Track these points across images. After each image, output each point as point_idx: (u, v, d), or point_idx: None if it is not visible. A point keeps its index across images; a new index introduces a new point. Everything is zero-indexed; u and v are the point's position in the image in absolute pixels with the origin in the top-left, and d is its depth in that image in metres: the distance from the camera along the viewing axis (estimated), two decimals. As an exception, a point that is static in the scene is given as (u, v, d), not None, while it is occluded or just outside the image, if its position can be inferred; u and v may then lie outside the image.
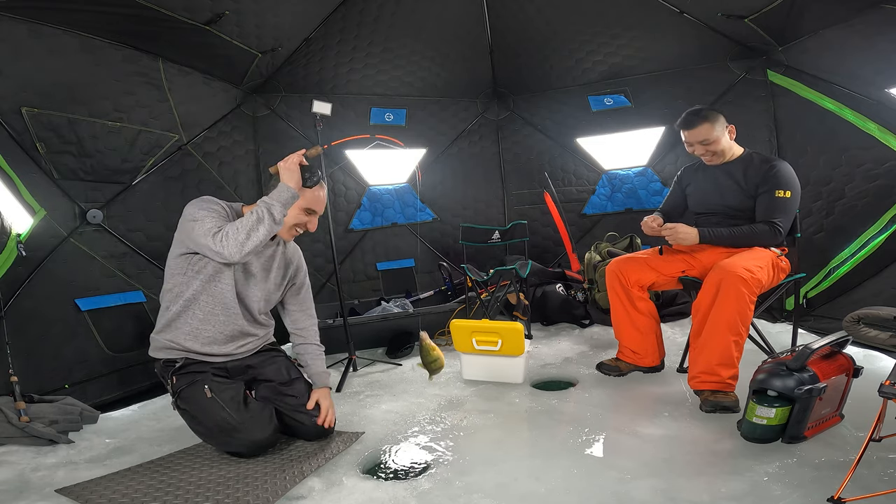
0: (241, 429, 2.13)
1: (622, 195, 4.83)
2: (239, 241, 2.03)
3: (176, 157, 3.68)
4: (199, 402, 2.16)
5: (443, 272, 4.75)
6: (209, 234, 2.05)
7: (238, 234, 2.04)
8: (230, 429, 2.13)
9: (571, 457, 2.09)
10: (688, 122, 2.75)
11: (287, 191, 2.13)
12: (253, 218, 2.06)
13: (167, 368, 2.25)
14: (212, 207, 2.16)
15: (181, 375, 2.21)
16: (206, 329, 2.23)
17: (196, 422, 2.20)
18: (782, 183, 2.64)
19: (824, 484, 1.72)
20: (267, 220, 2.07)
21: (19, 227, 2.80)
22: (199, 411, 2.16)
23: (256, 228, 2.05)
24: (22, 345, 2.63)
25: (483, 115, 5.11)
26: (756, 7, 3.40)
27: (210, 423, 2.15)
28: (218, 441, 2.22)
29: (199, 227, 2.08)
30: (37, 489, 1.97)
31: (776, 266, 2.62)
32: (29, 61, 2.77)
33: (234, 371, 2.33)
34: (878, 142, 3.37)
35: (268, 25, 3.57)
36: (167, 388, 2.27)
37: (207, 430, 2.19)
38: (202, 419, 2.17)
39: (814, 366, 2.00)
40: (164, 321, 2.26)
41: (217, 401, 2.14)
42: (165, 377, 2.26)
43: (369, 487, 1.92)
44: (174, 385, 2.21)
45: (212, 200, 2.20)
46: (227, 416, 2.13)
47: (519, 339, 2.88)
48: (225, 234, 2.04)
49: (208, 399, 2.15)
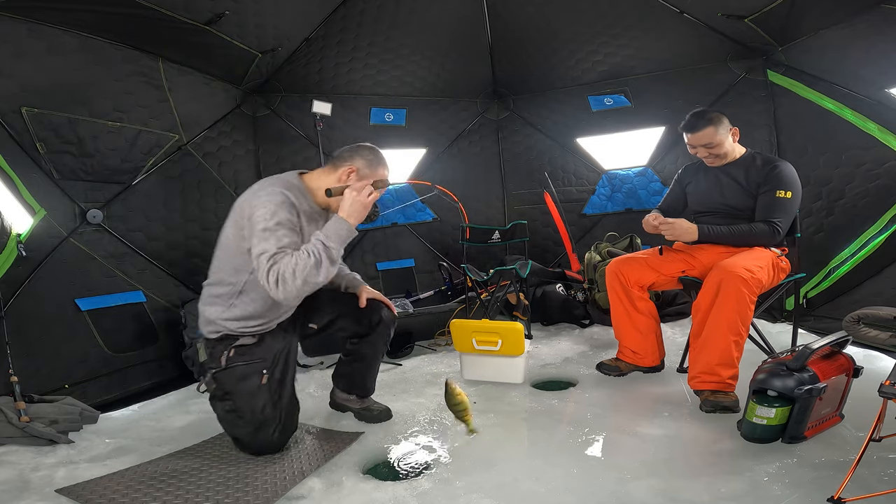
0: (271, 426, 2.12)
1: (622, 195, 4.83)
2: (295, 288, 1.93)
3: (176, 157, 3.68)
4: (246, 384, 2.10)
5: (443, 272, 4.75)
6: (265, 268, 1.93)
7: (295, 280, 1.91)
8: (261, 424, 2.11)
9: (571, 457, 2.08)
10: (692, 125, 2.74)
11: (347, 229, 2.03)
12: (311, 261, 1.93)
13: (224, 342, 2.15)
14: (282, 220, 1.98)
15: (240, 352, 2.13)
16: (275, 310, 2.20)
17: (226, 402, 2.13)
18: (784, 183, 2.64)
19: (824, 484, 1.72)
20: (325, 264, 1.96)
21: (19, 227, 2.80)
22: (240, 393, 2.10)
23: (316, 273, 1.94)
24: (22, 345, 2.63)
25: (483, 115, 5.11)
26: (756, 7, 3.40)
27: (247, 410, 2.10)
28: (241, 429, 2.15)
29: (259, 247, 1.96)
30: (37, 489, 1.97)
31: (776, 266, 2.62)
32: (29, 61, 2.77)
33: (289, 325, 2.33)
34: (878, 142, 3.37)
35: (268, 25, 3.57)
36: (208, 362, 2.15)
37: (238, 415, 2.12)
38: (241, 402, 2.10)
39: (814, 366, 2.00)
40: (226, 308, 2.15)
41: (266, 391, 2.11)
42: (222, 345, 2.15)
43: (369, 487, 1.92)
44: (228, 358, 2.11)
45: (283, 204, 2.01)
46: (268, 409, 2.10)
47: (519, 339, 2.87)
48: (281, 277, 1.91)
49: (260, 386, 2.11)
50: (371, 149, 2.23)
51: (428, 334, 3.95)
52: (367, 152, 2.21)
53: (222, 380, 2.13)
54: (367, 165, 2.18)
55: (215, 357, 2.15)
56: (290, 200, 2.06)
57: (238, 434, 2.19)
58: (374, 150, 2.24)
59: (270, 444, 2.16)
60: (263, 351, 2.18)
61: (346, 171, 2.16)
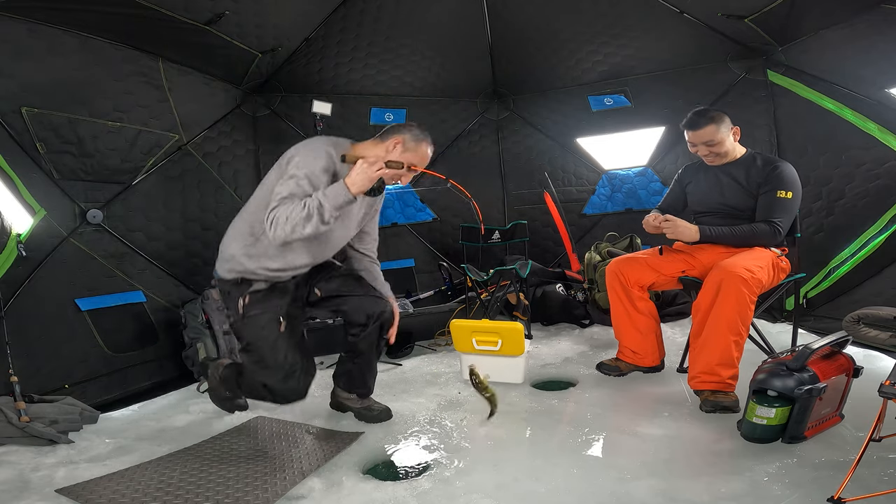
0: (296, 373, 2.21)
1: (622, 195, 4.83)
2: (284, 233, 2.07)
3: (176, 157, 3.67)
4: (268, 334, 2.20)
5: (443, 272, 4.75)
6: (271, 207, 2.08)
7: (285, 225, 2.05)
8: (290, 371, 2.20)
9: (571, 457, 2.08)
10: (693, 122, 2.74)
11: (346, 196, 2.07)
12: (303, 213, 2.04)
13: (243, 285, 2.25)
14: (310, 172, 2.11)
15: (255, 300, 2.23)
16: (293, 258, 2.27)
17: (251, 353, 2.22)
18: (784, 183, 2.65)
19: (824, 484, 1.72)
20: (315, 220, 2.05)
21: (19, 227, 2.80)
22: (265, 345, 2.19)
23: (303, 225, 2.05)
24: (22, 345, 2.63)
25: (483, 115, 5.10)
26: (756, 7, 3.40)
27: (272, 359, 2.19)
28: (270, 378, 2.22)
29: (277, 189, 2.11)
30: (37, 489, 1.97)
31: (776, 266, 2.62)
32: (29, 61, 2.76)
33: (302, 284, 2.38)
34: (878, 142, 3.37)
35: (268, 25, 3.57)
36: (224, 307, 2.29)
37: (264, 365, 2.21)
38: (265, 353, 2.19)
39: (814, 366, 2.00)
40: (248, 245, 2.25)
41: (288, 336, 2.21)
42: (236, 291, 2.25)
43: (369, 487, 1.92)
44: (244, 306, 2.22)
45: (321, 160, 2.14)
46: (290, 355, 2.20)
47: (519, 339, 2.87)
48: (275, 218, 2.06)
49: (280, 333, 2.20)
50: (419, 126, 2.34)
51: (428, 334, 3.95)
52: (415, 128, 2.31)
53: (243, 331, 2.23)
54: (413, 139, 2.27)
55: (231, 304, 2.24)
56: (331, 160, 2.18)
57: (269, 382, 2.24)
58: (423, 128, 2.34)
59: (298, 389, 2.26)
60: (278, 298, 2.27)
61: (393, 142, 2.25)
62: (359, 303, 2.42)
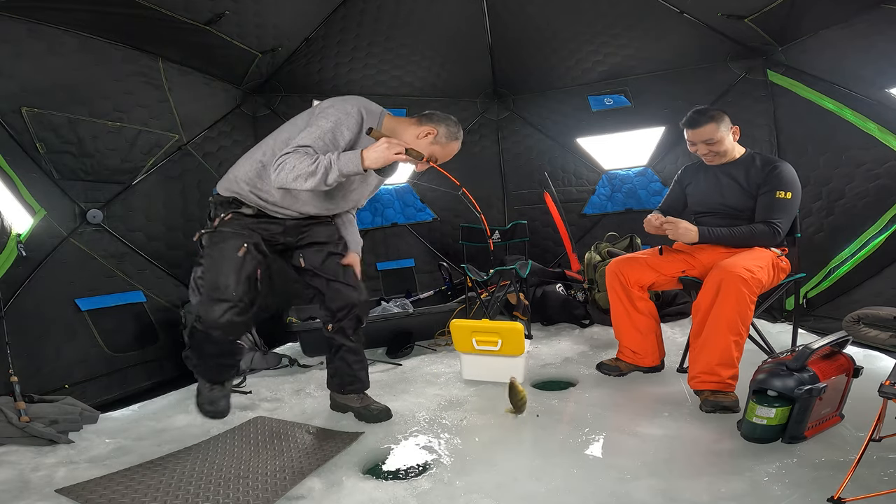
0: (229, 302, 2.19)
1: (622, 195, 4.83)
2: (286, 181, 2.08)
3: (176, 157, 3.67)
4: (226, 252, 2.22)
5: (443, 272, 4.75)
6: (281, 152, 2.09)
7: (289, 173, 2.06)
8: (222, 297, 2.19)
9: (571, 457, 2.08)
10: (693, 121, 2.74)
11: (357, 166, 2.06)
12: (310, 169, 2.04)
13: (232, 205, 2.28)
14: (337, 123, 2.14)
15: (235, 219, 2.26)
16: (298, 205, 2.30)
17: (206, 267, 2.25)
18: (783, 184, 2.65)
19: (824, 484, 1.72)
20: (318, 178, 2.05)
21: (19, 227, 2.80)
22: (219, 260, 2.22)
23: (305, 180, 2.06)
24: (22, 345, 2.63)
25: (483, 115, 5.11)
26: (756, 7, 3.40)
27: (217, 275, 2.21)
28: (201, 297, 2.27)
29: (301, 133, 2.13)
30: (37, 489, 1.97)
31: (776, 266, 2.62)
32: (29, 61, 2.76)
33: (290, 230, 2.39)
34: (878, 142, 3.37)
35: (268, 25, 3.57)
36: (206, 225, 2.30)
37: (201, 281, 2.26)
38: (215, 268, 2.22)
39: (814, 366, 2.00)
40: (254, 175, 2.27)
41: (242, 264, 2.21)
42: (222, 208, 2.29)
43: (369, 487, 1.92)
44: (221, 222, 2.25)
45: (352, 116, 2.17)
46: (232, 283, 2.19)
47: (519, 339, 2.87)
48: (282, 163, 2.07)
49: (237, 257, 2.21)
50: (456, 123, 2.35)
51: (428, 334, 3.95)
52: (452, 124, 2.32)
53: (208, 242, 2.26)
54: (446, 135, 2.29)
55: (213, 218, 2.28)
56: (362, 118, 2.20)
57: (197, 303, 2.29)
58: (458, 125, 2.35)
59: (221, 321, 2.19)
60: (255, 228, 2.28)
61: (427, 131, 2.27)
62: (337, 290, 2.46)
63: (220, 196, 2.36)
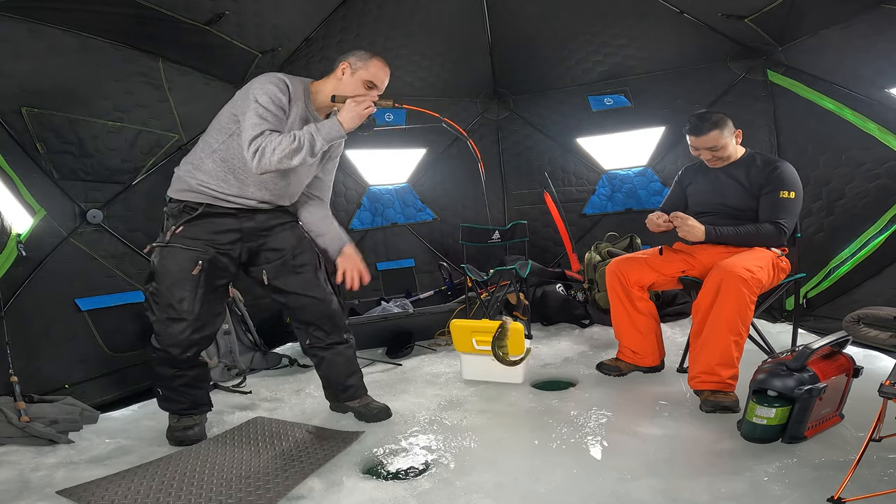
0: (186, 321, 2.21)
1: (622, 195, 4.83)
2: (271, 163, 2.07)
3: (176, 157, 3.65)
4: (180, 269, 2.19)
5: (443, 272, 4.75)
6: (248, 139, 2.08)
7: (272, 155, 2.06)
8: (178, 316, 2.21)
9: (571, 457, 2.09)
10: (697, 128, 2.73)
11: (338, 131, 2.12)
12: (294, 145, 2.06)
13: (183, 214, 2.25)
14: (272, 106, 2.13)
15: (191, 227, 2.22)
16: (250, 191, 2.28)
17: (160, 285, 2.22)
18: (786, 184, 2.65)
19: (824, 484, 1.72)
20: (305, 152, 2.08)
21: (19, 227, 2.79)
22: (173, 277, 2.19)
23: (291, 157, 2.07)
24: (22, 345, 2.63)
25: (483, 115, 5.10)
26: (756, 7, 3.39)
27: (171, 294, 2.20)
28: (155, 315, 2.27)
29: (247, 121, 2.11)
30: (37, 489, 1.97)
31: (776, 266, 2.63)
32: (29, 61, 2.76)
33: (247, 234, 2.33)
34: (878, 142, 3.37)
35: (268, 25, 3.57)
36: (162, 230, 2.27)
37: (156, 299, 2.23)
38: (164, 286, 2.21)
39: (814, 366, 2.01)
40: (197, 162, 2.28)
41: (196, 282, 2.19)
42: (173, 220, 2.26)
43: (369, 487, 1.92)
44: (174, 234, 2.21)
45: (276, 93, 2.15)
46: (187, 302, 2.19)
47: (519, 339, 2.87)
48: (261, 149, 2.06)
49: (192, 276, 2.18)
50: (365, 49, 2.32)
51: (428, 334, 3.95)
52: (359, 51, 2.31)
53: (157, 259, 2.23)
54: (359, 59, 2.27)
55: (165, 230, 2.25)
56: (285, 84, 2.19)
57: (153, 321, 2.27)
58: (370, 50, 2.32)
59: (179, 339, 2.24)
60: (209, 240, 2.24)
61: (341, 69, 2.27)
62: (304, 305, 2.43)
63: (174, 201, 2.30)
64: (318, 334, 2.48)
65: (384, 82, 2.31)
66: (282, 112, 2.18)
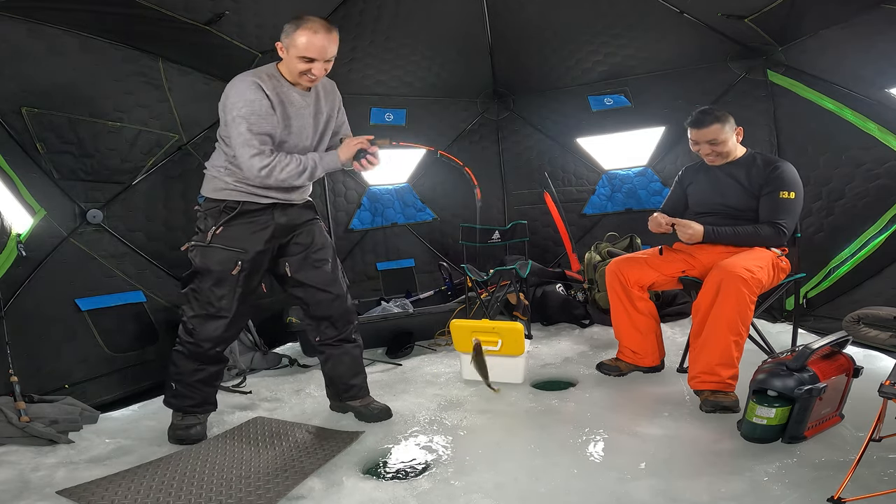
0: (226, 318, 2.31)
1: (622, 195, 4.83)
2: (277, 180, 2.22)
3: (176, 157, 3.67)
4: (221, 265, 2.27)
5: (443, 272, 4.75)
6: (251, 158, 2.17)
7: (280, 174, 2.21)
8: (218, 314, 2.30)
9: (571, 457, 2.09)
10: (698, 121, 2.74)
11: (336, 163, 2.33)
12: (299, 168, 2.25)
13: (222, 214, 2.31)
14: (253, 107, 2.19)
15: (230, 228, 2.30)
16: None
17: (194, 281, 2.31)
18: (786, 184, 2.65)
19: (824, 484, 1.72)
20: (305, 176, 2.28)
21: (19, 227, 2.80)
22: (209, 275, 2.28)
23: (297, 177, 2.26)
24: (22, 345, 2.63)
25: (483, 115, 5.10)
26: (756, 7, 3.39)
27: (212, 292, 2.29)
28: (194, 311, 2.33)
29: (241, 139, 2.18)
30: (37, 489, 1.97)
31: (776, 266, 2.63)
32: (29, 61, 2.76)
33: (280, 231, 2.40)
34: (878, 142, 3.37)
35: (268, 25, 3.56)
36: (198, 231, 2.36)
37: (196, 296, 2.31)
38: (206, 284, 2.29)
39: (814, 366, 2.01)
40: (225, 164, 2.33)
41: (236, 282, 2.29)
42: (213, 220, 2.32)
43: (369, 487, 1.92)
44: (215, 235, 2.28)
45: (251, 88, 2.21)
46: (226, 300, 2.30)
47: (519, 339, 2.87)
48: (270, 167, 2.19)
49: (231, 275, 2.27)
50: (293, 20, 2.27)
51: (428, 334, 3.95)
52: (287, 24, 2.28)
53: (198, 257, 2.31)
54: (286, 35, 2.26)
55: (205, 230, 2.31)
56: (257, 84, 2.23)
57: (190, 317, 2.33)
58: (299, 19, 2.26)
59: (213, 336, 2.33)
60: (247, 242, 2.31)
61: (279, 48, 2.32)
62: (320, 301, 2.49)
63: (208, 202, 2.38)
64: (330, 331, 2.53)
65: (325, 49, 2.22)
66: (269, 113, 2.24)
